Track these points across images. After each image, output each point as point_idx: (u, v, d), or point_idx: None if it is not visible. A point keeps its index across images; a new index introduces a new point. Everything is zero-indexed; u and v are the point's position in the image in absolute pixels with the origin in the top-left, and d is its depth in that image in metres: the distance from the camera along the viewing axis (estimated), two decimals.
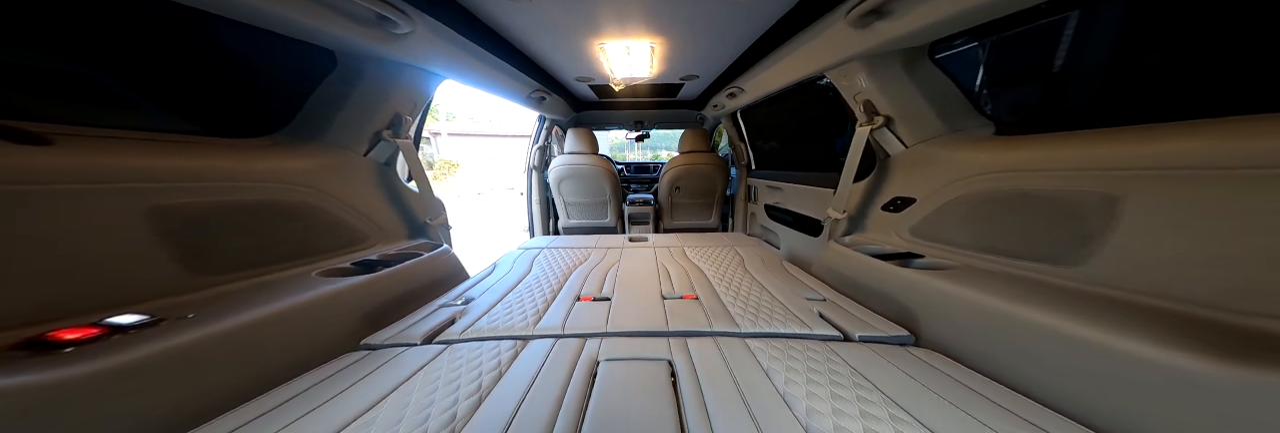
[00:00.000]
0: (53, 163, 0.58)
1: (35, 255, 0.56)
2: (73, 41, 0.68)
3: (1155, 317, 0.54)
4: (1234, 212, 0.52)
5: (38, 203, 0.56)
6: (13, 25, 0.60)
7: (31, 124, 0.59)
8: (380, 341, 0.84)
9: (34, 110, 0.63)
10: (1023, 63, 0.96)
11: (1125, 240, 0.62)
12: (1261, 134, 0.52)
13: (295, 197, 0.95)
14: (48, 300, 0.57)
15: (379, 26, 0.89)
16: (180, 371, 0.57)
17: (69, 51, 0.68)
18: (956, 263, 0.89)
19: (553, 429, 0.52)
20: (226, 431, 0.52)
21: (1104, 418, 0.52)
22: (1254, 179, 0.51)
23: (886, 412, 0.55)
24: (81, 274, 0.60)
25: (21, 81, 0.64)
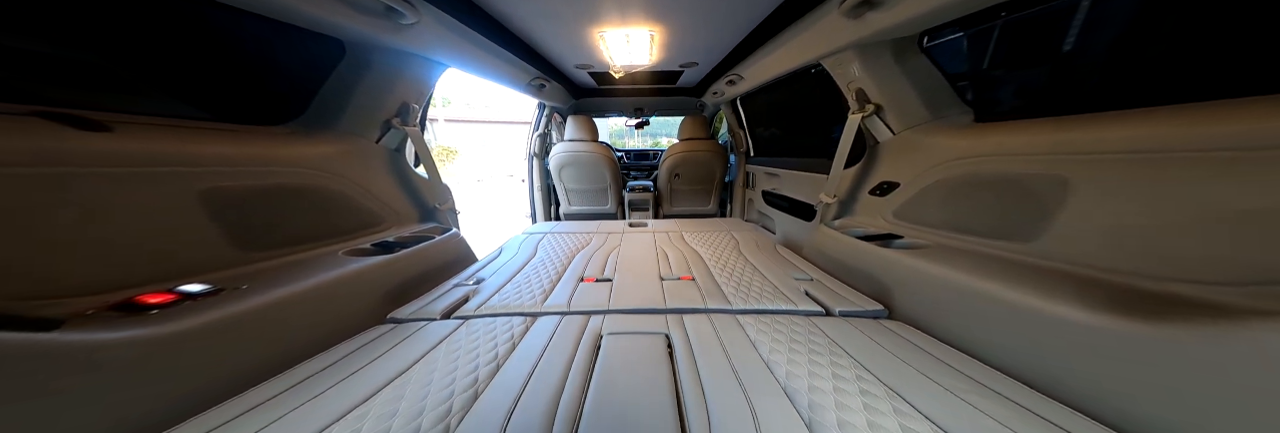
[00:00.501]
0: (112, 148, 0.65)
1: (113, 229, 0.64)
2: (110, 34, 0.74)
3: (1085, 284, 0.63)
4: (1151, 191, 0.61)
5: (105, 183, 0.63)
6: (62, 25, 0.66)
7: (92, 112, 0.66)
8: (404, 315, 0.93)
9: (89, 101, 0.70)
10: (999, 53, 1.01)
11: (1068, 218, 0.71)
12: (1176, 123, 0.59)
13: (318, 181, 1.02)
14: (129, 269, 0.65)
15: (387, 17, 0.93)
16: (240, 334, 0.66)
17: (111, 45, 0.74)
18: (931, 243, 0.97)
19: (562, 393, 0.61)
20: (283, 389, 0.61)
21: (1040, 376, 0.61)
22: (1167, 162, 0.59)
23: (853, 374, 0.64)
24: (152, 248, 0.68)
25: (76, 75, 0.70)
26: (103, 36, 0.73)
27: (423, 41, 1.11)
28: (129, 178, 0.66)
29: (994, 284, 0.70)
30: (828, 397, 0.58)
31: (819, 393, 0.59)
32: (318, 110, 1.13)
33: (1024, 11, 0.88)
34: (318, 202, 1.02)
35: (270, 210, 0.90)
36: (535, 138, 2.82)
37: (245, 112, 0.99)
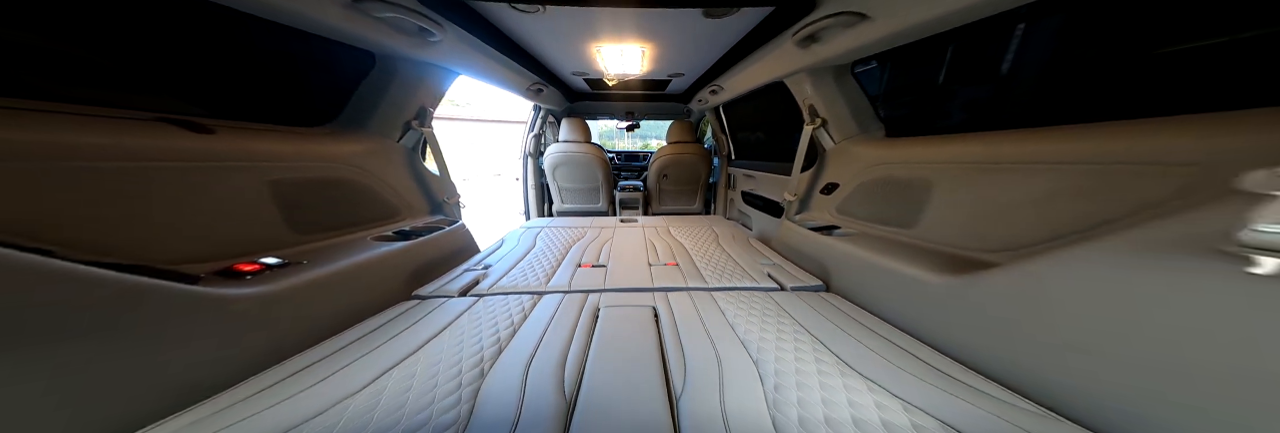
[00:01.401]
0: (214, 147, 0.84)
1: (215, 211, 0.83)
2: (202, 55, 0.93)
3: (933, 255, 0.89)
4: (970, 192, 0.88)
5: (211, 175, 0.83)
6: (176, 52, 0.85)
7: (198, 118, 0.85)
8: (427, 292, 1.13)
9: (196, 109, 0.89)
10: (893, 84, 1.30)
11: (930, 211, 0.98)
12: (999, 142, 0.86)
13: (350, 175, 1.22)
14: (225, 243, 0.85)
15: (418, 35, 1.14)
16: (309, 298, 0.86)
17: (202, 63, 0.93)
18: (857, 231, 1.24)
19: (569, 350, 0.79)
20: (333, 351, 0.78)
21: (908, 320, 0.87)
22: (979, 172, 0.86)
23: (792, 332, 0.86)
24: (239, 227, 0.88)
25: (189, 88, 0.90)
26: (198, 58, 0.92)
27: (443, 54, 1.32)
28: (224, 170, 0.85)
29: (886, 260, 0.96)
30: (771, 345, 0.80)
31: (767, 344, 0.80)
32: (350, 113, 1.32)
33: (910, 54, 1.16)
34: (349, 193, 1.22)
35: (314, 199, 1.09)
36: (530, 138, 3.01)
37: (295, 115, 1.18)
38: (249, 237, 0.90)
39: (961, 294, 0.74)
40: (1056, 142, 0.74)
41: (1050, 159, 0.73)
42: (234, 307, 0.71)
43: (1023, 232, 0.75)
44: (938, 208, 0.96)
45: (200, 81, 0.94)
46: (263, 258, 0.87)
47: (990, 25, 0.87)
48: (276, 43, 1.05)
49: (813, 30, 1.06)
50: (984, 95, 1.08)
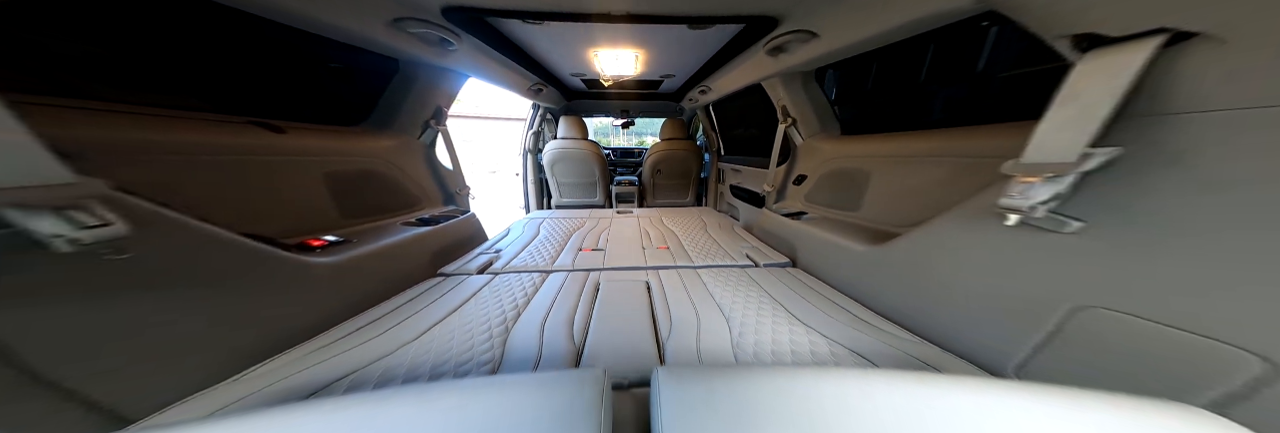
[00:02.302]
0: (286, 143, 1.06)
1: (290, 196, 1.05)
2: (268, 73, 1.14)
3: (865, 231, 1.13)
4: (893, 180, 1.12)
5: (286, 168, 1.04)
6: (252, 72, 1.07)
7: (275, 120, 1.07)
8: (450, 270, 1.35)
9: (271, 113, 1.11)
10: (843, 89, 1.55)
11: (868, 197, 1.22)
12: (911, 141, 1.10)
13: (381, 168, 1.44)
14: (298, 222, 1.06)
15: (439, 45, 1.35)
16: (362, 269, 1.07)
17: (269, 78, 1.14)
18: (818, 216, 1.48)
19: (576, 313, 1.01)
20: (384, 313, 0.99)
21: (848, 284, 1.10)
22: (900, 163, 1.10)
23: (758, 296, 1.09)
24: (306, 210, 1.09)
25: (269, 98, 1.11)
26: (269, 70, 1.13)
27: (458, 60, 1.53)
28: (294, 164, 1.07)
29: (835, 237, 1.19)
30: (741, 307, 1.02)
31: (737, 307, 1.02)
32: (379, 114, 1.54)
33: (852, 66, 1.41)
34: (381, 184, 1.44)
35: (356, 189, 1.31)
36: (529, 135, 3.22)
37: (338, 116, 1.40)
38: (312, 218, 1.12)
39: (877, 260, 0.98)
40: (944, 141, 0.99)
41: (939, 154, 0.98)
42: (315, 271, 0.93)
43: (920, 210, 0.99)
44: (873, 194, 1.21)
45: (272, 90, 1.16)
46: (325, 236, 1.09)
47: (903, 47, 1.11)
48: (324, 54, 1.26)
49: (778, 43, 1.29)
50: (900, 102, 1.34)
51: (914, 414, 0.36)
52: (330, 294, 0.96)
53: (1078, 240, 0.58)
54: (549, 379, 0.44)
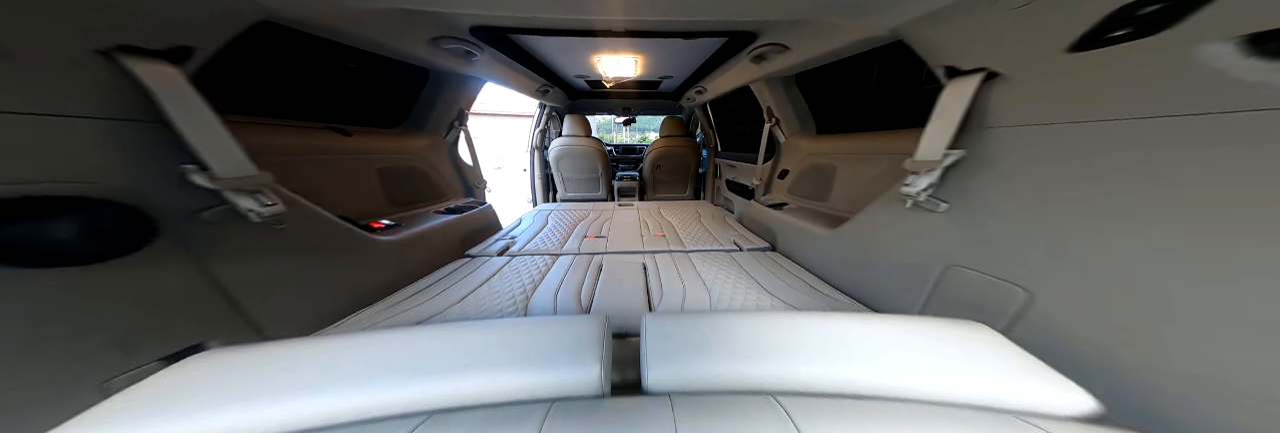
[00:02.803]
0: (352, 144, 1.32)
1: (354, 190, 1.31)
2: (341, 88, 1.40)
3: (828, 217, 1.38)
4: (852, 173, 1.36)
5: (353, 165, 1.30)
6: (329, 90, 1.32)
7: (343, 125, 1.33)
8: (475, 253, 1.62)
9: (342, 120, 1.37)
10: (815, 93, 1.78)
11: (836, 188, 1.47)
12: (872, 140, 1.34)
13: (417, 165, 1.70)
14: (361, 209, 1.33)
15: (464, 57, 1.60)
16: (411, 248, 1.34)
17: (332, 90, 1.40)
18: (796, 206, 1.73)
19: (582, 287, 1.27)
20: (429, 284, 1.26)
21: (815, 264, 1.35)
22: (858, 159, 1.35)
23: (736, 274, 1.33)
24: (366, 199, 1.36)
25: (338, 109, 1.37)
26: (336, 82, 1.39)
27: (479, 68, 1.78)
28: (357, 161, 1.33)
29: (806, 224, 1.44)
30: (721, 282, 1.27)
31: (718, 281, 1.28)
32: (414, 117, 1.80)
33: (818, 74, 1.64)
34: (417, 178, 1.70)
35: (399, 182, 1.57)
36: (536, 133, 3.47)
37: (383, 119, 1.66)
38: (370, 206, 1.39)
39: (833, 241, 1.24)
40: (886, 141, 1.23)
41: (882, 151, 1.22)
42: (381, 247, 1.19)
43: (867, 199, 1.24)
44: (838, 186, 1.45)
45: (338, 100, 1.42)
46: (384, 220, 1.36)
47: (858, 61, 1.34)
48: (373, 67, 1.52)
49: (759, 53, 1.53)
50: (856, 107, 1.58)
51: (816, 334, 0.57)
52: (391, 266, 1.23)
53: (946, 217, 0.83)
54: (564, 320, 0.62)
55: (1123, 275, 0.54)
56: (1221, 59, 0.44)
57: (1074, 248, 0.60)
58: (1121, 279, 0.55)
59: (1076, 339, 0.59)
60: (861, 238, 1.11)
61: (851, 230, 1.16)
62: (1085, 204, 0.59)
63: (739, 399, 0.44)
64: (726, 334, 0.55)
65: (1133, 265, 0.54)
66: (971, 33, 0.71)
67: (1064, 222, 0.62)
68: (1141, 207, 0.53)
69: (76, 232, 0.55)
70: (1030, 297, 0.66)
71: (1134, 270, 0.53)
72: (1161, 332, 0.50)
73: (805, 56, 1.37)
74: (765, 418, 0.40)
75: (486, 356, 0.49)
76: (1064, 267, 0.62)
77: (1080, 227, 0.60)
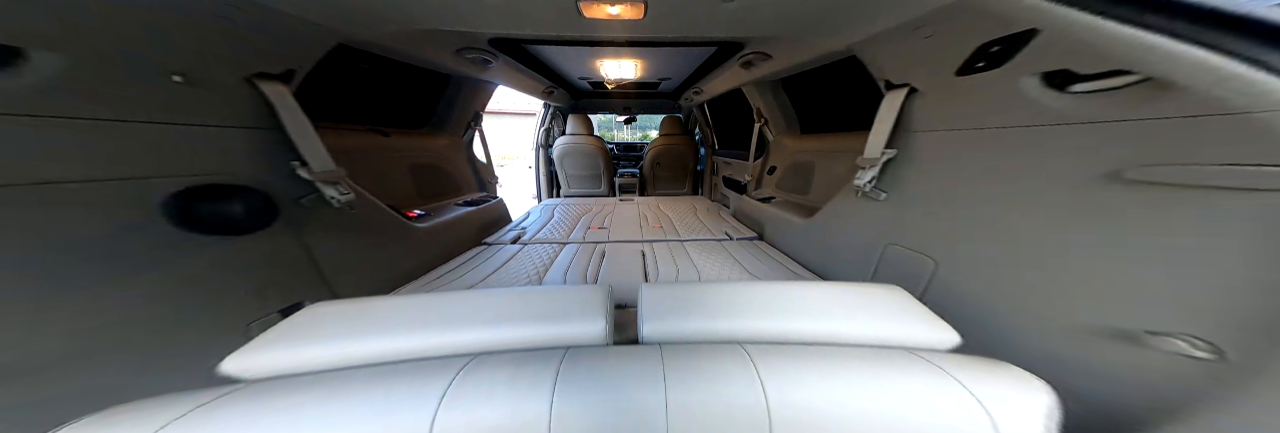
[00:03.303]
0: (390, 144, 1.54)
1: (392, 182, 1.53)
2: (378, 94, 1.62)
3: (805, 208, 1.60)
4: (830, 169, 1.58)
5: (389, 162, 1.53)
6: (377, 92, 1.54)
7: (383, 126, 1.55)
8: (491, 241, 1.85)
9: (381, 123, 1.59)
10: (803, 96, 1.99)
11: (814, 182, 1.69)
12: (844, 140, 1.56)
13: (440, 162, 1.92)
14: (398, 200, 1.55)
15: (481, 64, 1.82)
16: (439, 235, 1.57)
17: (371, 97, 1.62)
18: (781, 199, 1.95)
19: (587, 269, 1.49)
20: (458, 265, 1.49)
21: (793, 250, 1.58)
22: (830, 155, 1.56)
23: (724, 258, 1.56)
24: (401, 191, 1.58)
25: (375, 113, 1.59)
26: (375, 90, 1.61)
27: (494, 74, 2.00)
28: (394, 158, 1.55)
29: (788, 215, 1.66)
30: (710, 265, 1.50)
31: (707, 265, 1.50)
32: (436, 118, 2.02)
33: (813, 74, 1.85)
34: (440, 174, 1.92)
35: (426, 177, 1.80)
36: (541, 132, 3.68)
37: (411, 121, 1.88)
38: (405, 198, 1.61)
39: (806, 228, 1.45)
40: (852, 140, 1.44)
41: (850, 149, 1.43)
42: (418, 233, 1.42)
43: (836, 191, 1.46)
44: (816, 180, 1.67)
45: (377, 105, 1.64)
46: (418, 209, 1.59)
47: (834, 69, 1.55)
48: (405, 76, 1.74)
49: (747, 59, 1.74)
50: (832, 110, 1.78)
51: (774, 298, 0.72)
52: (424, 249, 1.46)
53: (885, 205, 1.05)
54: (576, 288, 0.76)
55: (975, 246, 0.76)
56: (1031, 87, 0.65)
57: (959, 226, 0.82)
58: (975, 249, 0.76)
59: (955, 293, 0.81)
60: (827, 225, 1.33)
61: (820, 219, 1.38)
62: (962, 192, 0.81)
63: (713, 347, 0.56)
64: (705, 299, 0.70)
65: (981, 240, 0.75)
66: (900, 54, 0.92)
67: (954, 206, 0.84)
68: (988, 195, 0.74)
69: (238, 211, 0.77)
70: (936, 265, 0.88)
71: (980, 243, 0.75)
72: (996, 284, 0.72)
73: (786, 64, 1.58)
74: (733, 360, 0.52)
75: (517, 313, 0.64)
76: (954, 241, 0.83)
77: (959, 209, 0.81)
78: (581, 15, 0.91)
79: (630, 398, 0.48)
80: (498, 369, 0.50)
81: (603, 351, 0.56)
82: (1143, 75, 0.50)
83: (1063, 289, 0.64)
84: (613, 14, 0.91)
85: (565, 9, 0.86)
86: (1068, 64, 0.59)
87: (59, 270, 0.60)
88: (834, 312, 0.63)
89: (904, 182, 0.99)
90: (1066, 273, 0.64)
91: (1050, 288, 0.66)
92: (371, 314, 0.62)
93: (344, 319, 0.60)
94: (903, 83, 0.94)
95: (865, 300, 0.66)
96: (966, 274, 0.81)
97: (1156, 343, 0.51)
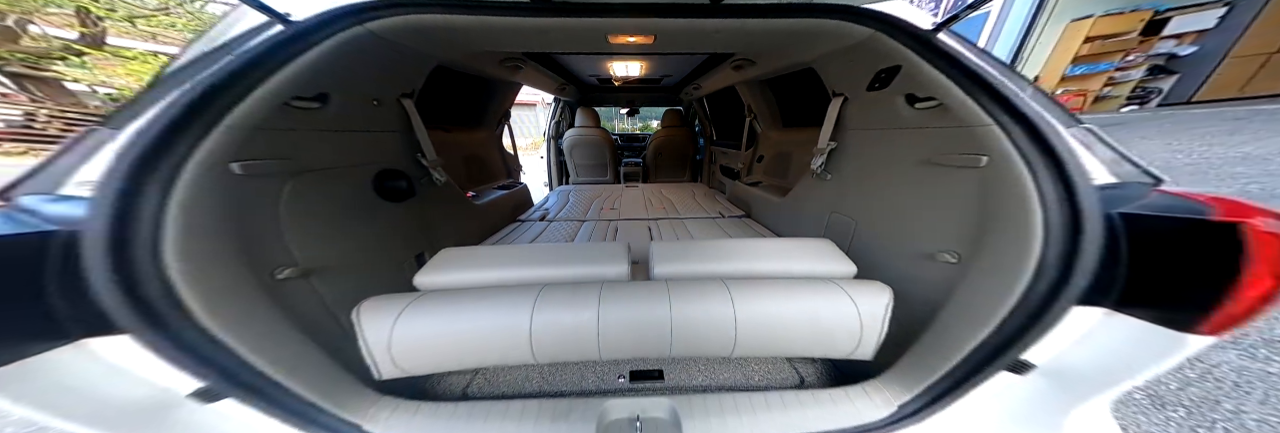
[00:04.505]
0: (453, 139, 2.00)
1: (453, 170, 1.99)
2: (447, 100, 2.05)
3: (784, 189, 2.08)
4: (804, 157, 2.04)
5: (450, 154, 1.98)
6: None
7: (448, 125, 2.01)
8: (523, 218, 2.32)
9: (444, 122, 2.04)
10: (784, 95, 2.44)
11: (791, 168, 2.16)
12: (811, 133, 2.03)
13: (482, 153, 2.37)
14: (476, 179, 2.01)
15: (514, 70, 2.25)
16: (489, 211, 2.05)
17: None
18: (767, 183, 2.42)
19: (607, 241, 1.99)
20: (504, 236, 1.97)
21: (768, 223, 2.07)
22: (802, 146, 2.03)
23: (715, 234, 2.04)
24: (458, 177, 2.04)
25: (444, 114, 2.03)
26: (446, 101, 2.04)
27: (522, 76, 2.43)
28: (455, 150, 2.01)
29: (768, 196, 2.14)
30: (702, 236, 1.99)
31: (703, 236, 1.99)
32: (482, 117, 2.46)
33: None
34: (482, 163, 2.38)
35: (473, 166, 2.25)
36: (552, 125, 4.11)
37: (465, 120, 2.33)
38: (460, 183, 2.07)
39: (780, 205, 1.93)
40: (808, 133, 1.91)
41: (813, 141, 1.90)
42: (476, 210, 1.89)
43: (802, 176, 1.92)
44: (793, 166, 2.13)
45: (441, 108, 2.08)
46: (469, 192, 2.05)
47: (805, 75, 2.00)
48: (458, 84, 2.17)
49: (736, 63, 2.18)
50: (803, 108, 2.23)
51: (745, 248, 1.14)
52: (480, 221, 1.92)
53: (830, 183, 1.51)
54: (601, 243, 1.18)
55: (873, 209, 1.23)
56: (899, 103, 1.11)
57: (868, 196, 1.29)
58: (873, 211, 1.23)
59: (865, 241, 1.28)
60: (795, 201, 1.80)
61: (790, 197, 1.85)
62: (869, 172, 1.28)
63: (702, 281, 0.85)
64: (696, 250, 1.10)
65: (876, 204, 1.22)
66: (839, 71, 1.36)
67: (865, 182, 1.31)
68: (881, 174, 1.21)
69: (402, 186, 1.24)
70: (857, 224, 1.35)
71: (876, 206, 1.22)
72: (880, 233, 1.19)
73: (768, 69, 2.03)
74: (715, 288, 0.82)
75: (567, 259, 1.00)
76: (865, 206, 1.30)
77: (867, 184, 1.28)
78: (607, 41, 1.28)
79: (648, 311, 0.78)
80: (560, 293, 0.81)
81: (627, 284, 0.86)
82: (939, 101, 0.95)
83: (906, 232, 1.11)
84: (630, 41, 1.32)
85: (596, 38, 1.23)
86: (912, 90, 1.04)
87: (335, 217, 1.06)
88: (782, 257, 1.02)
89: (841, 166, 1.46)
90: (908, 222, 1.10)
91: (902, 232, 1.13)
92: (481, 256, 1.02)
93: (466, 258, 1.01)
94: (840, 92, 1.39)
95: (804, 250, 1.06)
96: (869, 228, 1.28)
97: (939, 258, 0.96)
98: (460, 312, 0.79)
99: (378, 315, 0.77)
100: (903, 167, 1.12)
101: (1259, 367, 1.49)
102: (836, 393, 0.88)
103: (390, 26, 0.86)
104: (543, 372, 1.20)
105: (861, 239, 1.31)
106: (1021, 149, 0.71)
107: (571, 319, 0.79)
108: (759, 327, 0.81)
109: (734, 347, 0.82)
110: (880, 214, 1.23)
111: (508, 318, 0.78)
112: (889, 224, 1.18)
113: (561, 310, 0.79)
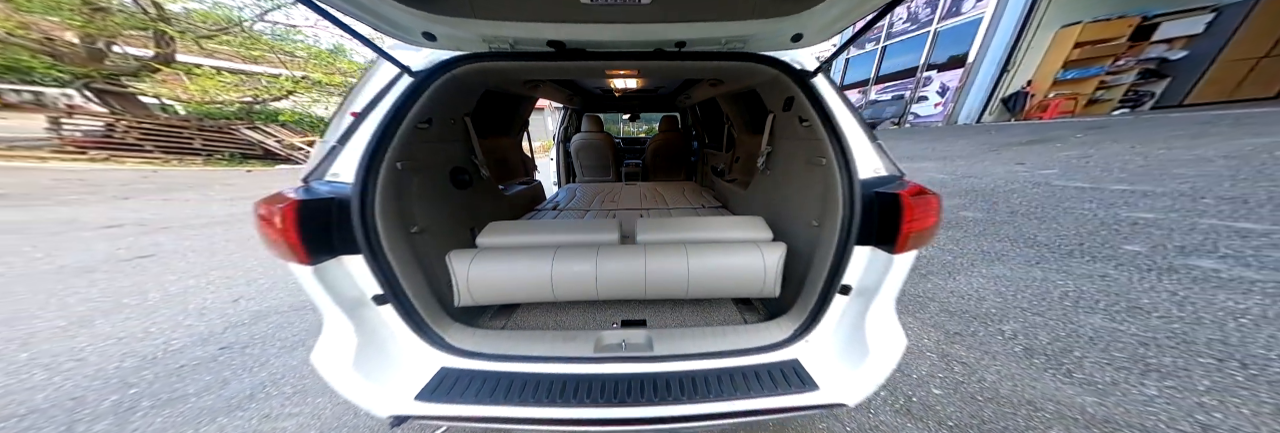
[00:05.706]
0: (487, 144, 2.47)
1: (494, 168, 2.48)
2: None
3: (748, 184, 2.50)
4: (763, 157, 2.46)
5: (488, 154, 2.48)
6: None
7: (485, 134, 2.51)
8: (539, 207, 2.80)
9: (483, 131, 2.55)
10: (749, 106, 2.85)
11: (759, 167, 2.57)
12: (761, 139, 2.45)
13: (508, 155, 2.88)
14: (502, 176, 2.52)
15: (535, 87, 2.74)
16: (514, 201, 2.54)
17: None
18: (740, 179, 2.83)
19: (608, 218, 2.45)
20: (529, 218, 2.46)
21: (740, 211, 2.49)
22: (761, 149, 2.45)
23: (695, 222, 2.49)
24: (500, 170, 2.54)
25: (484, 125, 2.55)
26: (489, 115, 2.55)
27: (541, 93, 2.92)
28: (488, 153, 2.50)
29: (738, 189, 2.56)
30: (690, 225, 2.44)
31: (687, 222, 2.44)
32: (510, 126, 2.97)
33: None
34: (510, 163, 2.88)
35: (500, 166, 2.75)
36: (560, 129, 4.60)
37: (495, 129, 2.84)
38: (494, 178, 2.57)
39: (745, 196, 2.34)
40: None
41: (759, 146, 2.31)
42: (507, 200, 2.38)
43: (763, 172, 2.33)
44: (758, 166, 2.55)
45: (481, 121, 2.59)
46: (500, 185, 2.54)
47: None
48: (493, 102, 2.67)
49: (711, 81, 2.61)
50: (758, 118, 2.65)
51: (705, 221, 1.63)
52: (509, 210, 2.41)
53: (768, 177, 1.93)
54: (600, 219, 1.72)
55: (788, 195, 1.64)
56: (795, 121, 1.53)
57: (787, 185, 1.70)
58: (787, 196, 1.64)
59: (785, 217, 1.69)
60: (751, 192, 2.22)
61: (750, 190, 2.27)
62: (786, 169, 1.69)
63: (668, 245, 1.39)
64: (669, 224, 1.60)
65: (790, 191, 1.63)
66: (768, 94, 1.79)
67: (785, 175, 1.72)
68: (791, 169, 1.62)
69: (466, 178, 1.73)
70: (781, 204, 1.76)
71: (790, 193, 1.63)
72: (790, 211, 1.60)
73: (734, 87, 2.46)
74: (676, 249, 1.30)
75: (577, 230, 1.53)
76: (785, 193, 1.71)
77: (785, 177, 1.70)
78: (608, 80, 1.79)
79: (631, 265, 1.23)
80: (570, 251, 1.27)
81: (617, 246, 1.33)
82: (809, 122, 1.36)
83: (800, 208, 1.52)
84: (626, 82, 1.79)
85: (598, 71, 1.69)
86: (800, 113, 1.46)
87: (433, 198, 1.53)
88: (726, 229, 1.49)
89: (774, 164, 1.87)
90: (801, 201, 1.52)
91: (798, 208, 1.54)
92: (518, 228, 1.52)
93: (509, 228, 1.51)
94: (771, 110, 1.82)
95: (740, 224, 1.52)
96: (786, 207, 1.70)
97: (810, 225, 1.38)
98: (507, 262, 1.27)
99: (460, 261, 1.27)
100: (798, 164, 1.54)
101: (1113, 326, 1.83)
102: (759, 326, 1.29)
103: (466, 71, 1.27)
104: (558, 319, 1.64)
105: (782, 215, 1.73)
106: (839, 155, 1.12)
107: (578, 269, 1.23)
108: (705, 276, 1.26)
109: (688, 289, 1.27)
110: (790, 197, 1.65)
111: (536, 267, 1.25)
112: (793, 204, 1.61)
113: (572, 263, 1.23)
